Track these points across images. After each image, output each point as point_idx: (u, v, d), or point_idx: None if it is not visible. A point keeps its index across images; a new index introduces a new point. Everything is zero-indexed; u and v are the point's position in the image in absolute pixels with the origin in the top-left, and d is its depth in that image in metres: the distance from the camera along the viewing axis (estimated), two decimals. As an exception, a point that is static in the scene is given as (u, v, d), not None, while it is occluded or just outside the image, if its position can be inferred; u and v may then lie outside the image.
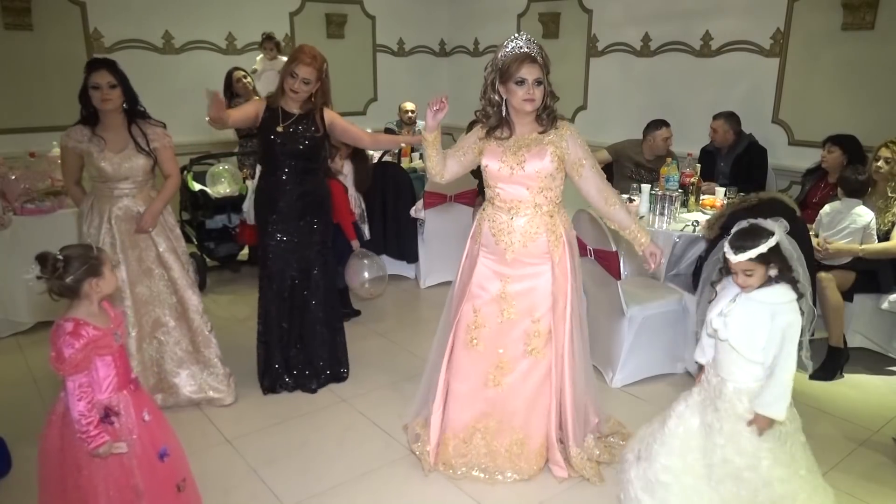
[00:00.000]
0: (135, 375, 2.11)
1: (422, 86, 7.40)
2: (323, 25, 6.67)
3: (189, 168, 4.90)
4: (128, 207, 2.98)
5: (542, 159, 2.44)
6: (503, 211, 2.52)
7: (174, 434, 2.16)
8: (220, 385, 3.23)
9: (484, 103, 2.52)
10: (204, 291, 4.75)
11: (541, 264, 2.53)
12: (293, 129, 3.08)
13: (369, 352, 3.82)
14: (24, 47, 5.10)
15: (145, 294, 3.05)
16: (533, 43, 2.43)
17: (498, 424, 2.61)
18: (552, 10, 6.40)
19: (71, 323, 1.89)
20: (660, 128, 4.62)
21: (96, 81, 2.82)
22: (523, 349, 2.55)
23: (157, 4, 5.67)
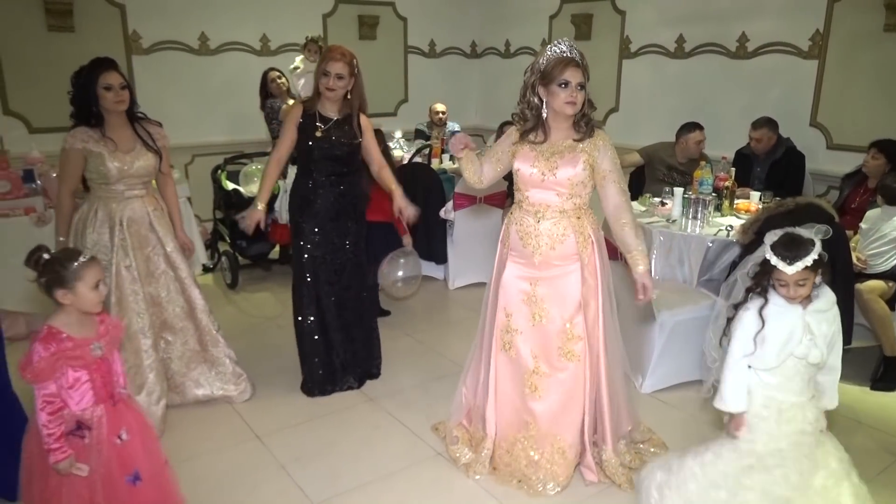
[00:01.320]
0: (124, 392, 2.05)
1: (452, 87, 7.41)
2: (355, 27, 6.71)
3: (223, 167, 4.98)
4: (137, 209, 2.95)
5: (575, 167, 2.44)
6: (530, 214, 2.52)
7: (160, 459, 2.09)
8: (228, 384, 3.23)
9: (522, 105, 2.51)
10: (235, 289, 4.84)
11: (569, 265, 2.52)
12: (332, 134, 3.09)
13: (397, 352, 3.83)
14: (65, 48, 5.22)
15: (154, 295, 3.04)
16: (575, 49, 2.45)
17: (538, 433, 2.58)
18: (585, 12, 6.36)
19: (45, 329, 1.87)
20: (693, 130, 4.55)
21: (109, 82, 2.78)
22: (558, 354, 2.53)
23: (193, 6, 5.77)
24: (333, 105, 3.12)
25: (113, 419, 1.97)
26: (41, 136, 5.15)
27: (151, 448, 2.06)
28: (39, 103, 5.20)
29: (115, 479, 1.94)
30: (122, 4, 5.45)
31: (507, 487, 2.60)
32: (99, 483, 1.92)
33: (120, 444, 1.96)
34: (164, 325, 3.09)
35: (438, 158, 5.62)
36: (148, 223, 2.98)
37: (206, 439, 2.92)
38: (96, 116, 2.84)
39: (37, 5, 5.09)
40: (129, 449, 1.98)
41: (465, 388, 2.83)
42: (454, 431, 2.81)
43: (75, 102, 2.87)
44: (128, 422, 2.00)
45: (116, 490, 1.94)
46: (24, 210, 3.86)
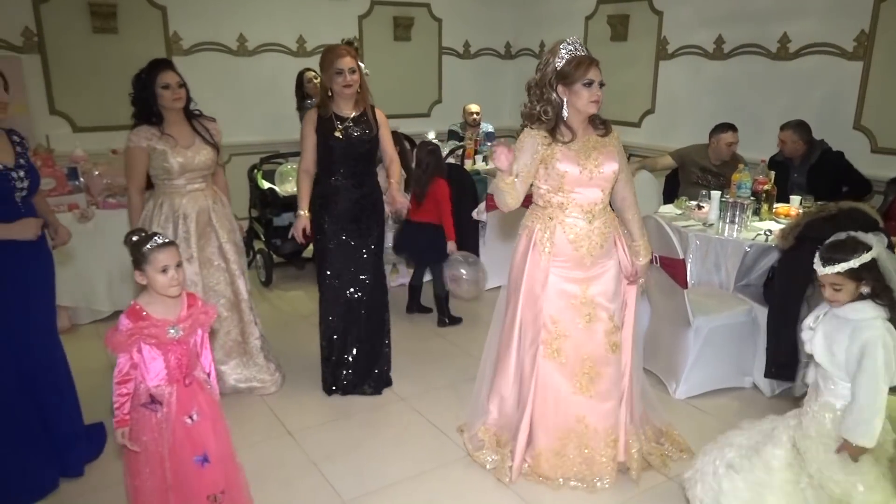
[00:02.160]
0: (202, 376, 2.12)
1: (486, 88, 7.41)
2: (390, 28, 6.75)
3: (259, 166, 5.05)
4: (199, 202, 3.09)
5: (615, 160, 2.50)
6: (580, 217, 2.49)
7: (228, 443, 2.15)
8: (263, 375, 3.33)
9: (542, 105, 2.46)
10: (269, 287, 4.91)
11: (609, 260, 2.57)
12: (351, 132, 3.11)
13: (428, 352, 3.84)
14: (109, 49, 5.36)
15: (205, 285, 3.15)
16: (585, 48, 2.48)
17: (590, 430, 2.57)
18: (621, 12, 6.29)
19: (131, 305, 2.01)
20: (725, 131, 4.48)
21: (167, 81, 2.91)
22: (606, 349, 2.55)
23: (232, 8, 5.87)
24: (348, 102, 3.12)
25: (184, 399, 2.04)
26: (84, 134, 5.31)
27: (221, 432, 2.13)
28: (83, 103, 5.35)
29: (184, 458, 2.02)
30: (164, 6, 5.57)
31: (559, 492, 2.58)
32: (168, 460, 2.00)
33: (190, 424, 2.04)
34: None
35: (472, 159, 5.62)
36: (208, 216, 3.10)
37: (240, 433, 2.94)
38: (156, 115, 2.97)
39: (83, 8, 5.23)
40: (199, 430, 2.05)
41: (488, 399, 2.78)
42: (479, 435, 2.79)
43: (136, 102, 2.98)
44: (199, 404, 2.07)
45: (185, 469, 2.02)
46: (68, 206, 3.97)
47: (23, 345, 2.47)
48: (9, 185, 2.37)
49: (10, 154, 2.42)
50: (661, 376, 3.43)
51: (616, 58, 6.33)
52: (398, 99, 6.90)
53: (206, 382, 2.14)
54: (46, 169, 4.00)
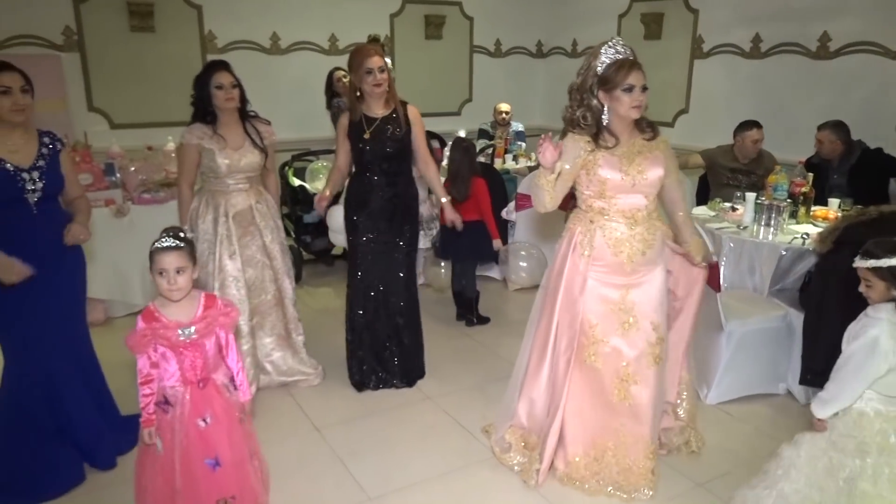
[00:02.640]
0: (222, 380, 2.12)
1: (517, 87, 7.37)
2: (422, 26, 6.76)
3: (290, 164, 5.10)
4: (241, 201, 3.13)
5: (659, 165, 2.43)
6: (621, 222, 2.45)
7: (243, 449, 2.13)
8: (307, 368, 3.39)
9: (581, 110, 2.42)
10: (299, 284, 4.93)
11: (654, 267, 2.50)
12: (380, 133, 3.12)
13: (456, 351, 3.84)
14: (146, 48, 5.46)
15: (249, 282, 3.19)
16: (629, 49, 2.40)
17: (629, 438, 2.53)
18: (655, 11, 6.20)
19: (148, 306, 2.02)
20: (749, 129, 4.39)
21: (220, 81, 2.97)
22: (648, 358, 2.49)
23: (266, 7, 5.93)
24: (378, 102, 3.13)
25: (198, 402, 2.04)
26: (122, 131, 5.41)
27: (235, 437, 2.10)
28: (121, 100, 5.46)
29: (195, 461, 2.02)
30: (200, 5, 5.65)
31: (595, 498, 2.55)
32: (178, 462, 2.00)
33: (203, 427, 2.03)
34: (255, 310, 3.23)
35: (501, 158, 5.61)
36: (251, 215, 3.14)
37: (268, 429, 2.99)
38: (211, 114, 3.02)
39: (121, 7, 5.34)
40: (212, 433, 2.05)
41: (518, 402, 2.75)
42: (506, 437, 2.77)
43: (195, 102, 3.05)
44: (213, 408, 2.06)
45: (195, 471, 2.02)
46: (105, 202, 4.05)
47: (52, 340, 2.51)
48: (17, 186, 2.38)
49: (31, 156, 2.44)
50: (693, 381, 3.36)
51: (649, 57, 6.17)
52: (428, 97, 6.89)
53: (225, 387, 2.12)
54: (84, 165, 4.09)
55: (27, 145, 2.46)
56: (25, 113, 2.41)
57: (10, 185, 2.36)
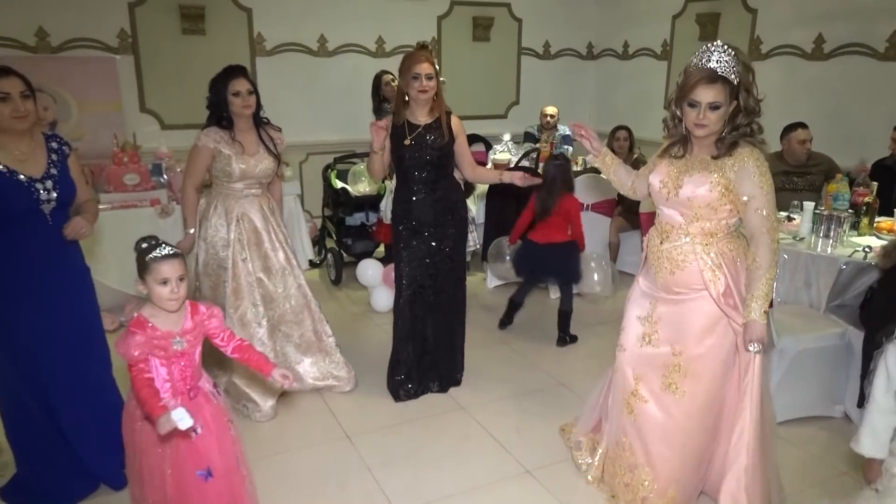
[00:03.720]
0: (208, 388, 2.06)
1: (566, 89, 7.23)
2: (469, 28, 6.69)
3: (332, 166, 5.10)
4: (253, 206, 3.10)
5: (700, 187, 2.16)
6: (657, 233, 2.36)
7: (233, 458, 2.07)
8: (340, 373, 3.35)
9: (668, 115, 2.30)
10: (339, 286, 4.94)
11: (692, 294, 2.26)
12: (420, 140, 3.07)
13: (493, 360, 3.75)
14: (196, 50, 5.55)
15: (272, 290, 3.16)
16: (728, 55, 2.07)
17: (632, 457, 2.43)
18: (711, 11, 5.98)
19: (136, 316, 1.93)
20: (795, 129, 4.24)
21: (238, 89, 2.95)
22: (661, 382, 2.36)
23: (314, 9, 5.96)
24: (423, 109, 3.09)
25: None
26: (172, 132, 5.52)
27: (225, 446, 2.05)
28: (172, 102, 5.57)
29: (187, 472, 1.97)
30: (250, 8, 5.72)
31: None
32: (171, 473, 1.95)
33: (194, 437, 1.97)
34: (282, 318, 3.21)
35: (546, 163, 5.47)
36: (262, 220, 3.12)
37: (299, 435, 2.98)
38: (227, 120, 3.02)
39: (173, 10, 5.44)
40: (203, 444, 1.99)
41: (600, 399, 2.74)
42: (580, 437, 2.76)
43: (210, 106, 3.05)
44: (204, 417, 2.00)
45: (188, 483, 1.97)
46: (150, 202, 4.12)
47: (64, 348, 2.43)
48: (32, 198, 2.28)
49: (42, 164, 2.34)
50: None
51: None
52: (475, 100, 6.83)
53: (212, 394, 2.08)
54: (132, 165, 4.18)
55: (35, 153, 2.34)
56: (28, 119, 2.28)
57: (25, 196, 2.26)
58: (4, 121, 2.24)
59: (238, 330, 2.99)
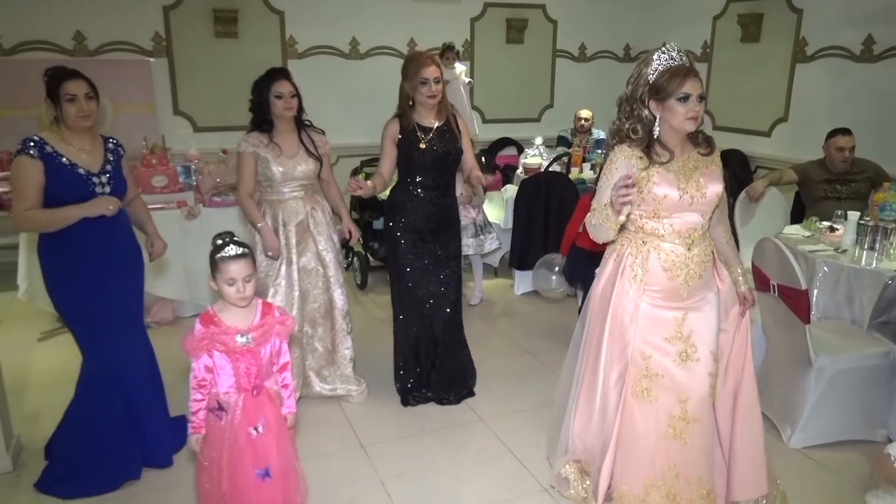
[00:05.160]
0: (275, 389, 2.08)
1: (601, 92, 7.04)
2: (503, 30, 6.61)
3: (360, 169, 5.07)
4: (298, 209, 3.10)
5: (717, 181, 2.22)
6: (678, 243, 2.22)
7: (290, 459, 2.09)
8: (350, 385, 3.29)
9: (631, 122, 2.20)
10: (364, 290, 4.91)
11: (710, 291, 2.29)
12: (436, 143, 3.01)
13: (515, 370, 3.65)
14: (229, 53, 5.60)
15: (303, 290, 3.15)
16: (685, 55, 2.17)
17: (681, 479, 2.30)
18: (754, 11, 5.77)
19: (207, 310, 2.00)
20: (834, 135, 4.06)
21: (280, 91, 2.95)
22: (708, 392, 2.25)
23: (346, 12, 5.96)
24: (430, 112, 3.03)
25: (250, 410, 2.00)
26: (204, 134, 5.58)
27: (285, 448, 2.07)
28: (204, 104, 5.63)
29: (244, 470, 1.99)
30: (282, 11, 5.75)
31: None
32: (227, 470, 1.97)
33: (255, 436, 2.00)
34: (305, 318, 3.19)
35: (578, 167, 5.35)
36: (306, 223, 3.11)
37: (314, 442, 2.93)
38: (268, 122, 3.01)
39: (207, 14, 5.50)
40: (263, 443, 2.01)
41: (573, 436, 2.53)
42: (562, 473, 2.55)
43: (253, 109, 3.04)
44: (266, 417, 2.02)
45: (245, 481, 1.99)
46: (177, 203, 4.14)
47: (124, 335, 2.60)
48: (89, 190, 2.46)
49: (100, 161, 2.53)
50: (775, 420, 3.04)
51: (746, 61, 5.82)
52: (508, 103, 6.75)
53: (277, 396, 2.08)
54: (160, 167, 4.20)
55: (94, 150, 2.54)
56: (91, 119, 2.48)
57: (83, 187, 2.46)
58: (70, 119, 2.43)
59: None
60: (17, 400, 2.99)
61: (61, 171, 2.42)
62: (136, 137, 4.73)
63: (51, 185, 2.41)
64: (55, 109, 2.44)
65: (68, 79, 2.43)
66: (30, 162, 2.37)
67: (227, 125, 5.54)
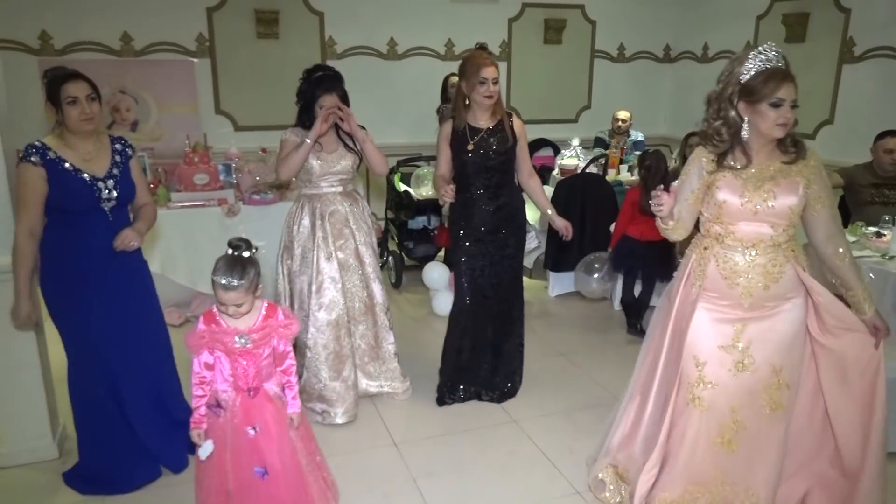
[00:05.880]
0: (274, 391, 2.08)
1: (640, 93, 6.99)
2: (541, 31, 6.57)
3: (396, 169, 5.11)
4: (336, 204, 3.13)
5: (796, 194, 2.09)
6: (737, 250, 2.16)
7: (295, 461, 2.09)
8: (395, 381, 3.32)
9: (718, 123, 2.14)
10: (399, 289, 4.94)
11: (782, 304, 2.17)
12: (484, 145, 3.02)
13: (547, 372, 3.64)
14: (270, 53, 5.69)
15: (348, 285, 3.18)
16: (782, 57, 2.09)
17: (730, 490, 2.27)
18: (800, 11, 5.63)
19: (209, 308, 2.03)
20: (882, 137, 3.96)
21: (323, 104, 2.96)
22: (763, 406, 2.19)
23: (385, 13, 6.00)
24: (485, 113, 3.03)
25: (248, 410, 2.03)
26: (244, 133, 5.67)
27: (286, 447, 2.08)
28: (245, 104, 5.73)
29: (245, 468, 2.02)
30: (322, 12, 5.81)
31: None
32: (230, 468, 2.01)
33: (252, 435, 2.02)
34: (349, 315, 3.22)
35: (615, 169, 5.30)
36: (345, 218, 3.15)
37: (347, 440, 2.97)
38: (311, 119, 3.05)
39: (249, 15, 5.60)
40: (260, 443, 2.03)
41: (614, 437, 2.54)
42: (599, 475, 2.55)
43: (300, 106, 3.10)
44: (263, 417, 2.04)
45: (246, 476, 2.02)
46: (218, 201, 4.22)
47: (119, 343, 2.53)
48: (94, 196, 2.39)
49: (105, 165, 2.45)
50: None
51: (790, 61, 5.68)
52: (545, 104, 6.71)
53: (277, 396, 2.09)
54: (202, 165, 4.29)
55: (100, 153, 2.46)
56: (94, 121, 2.39)
57: (88, 194, 2.37)
58: (73, 123, 2.35)
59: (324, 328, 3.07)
60: (63, 390, 3.08)
61: (65, 177, 2.33)
62: (179, 136, 4.83)
63: (54, 193, 2.32)
64: (57, 113, 2.35)
65: (68, 80, 2.33)
66: (31, 169, 2.28)
67: (266, 124, 5.64)
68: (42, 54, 5.14)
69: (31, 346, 2.72)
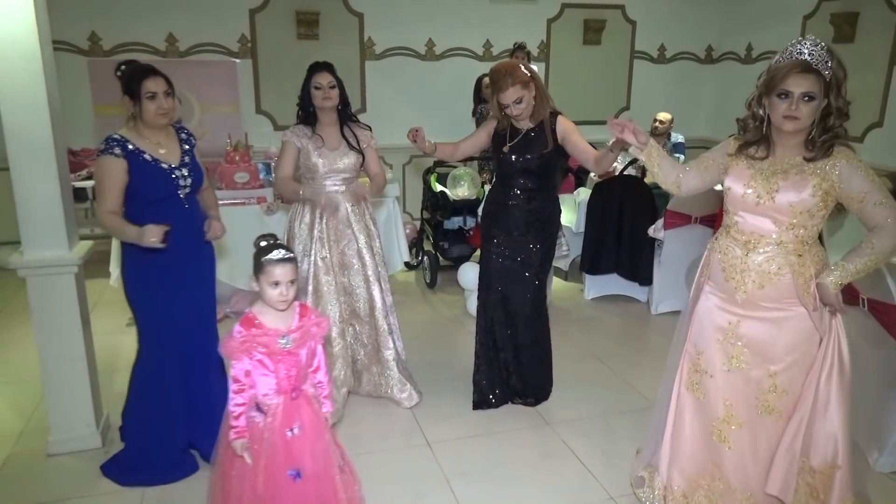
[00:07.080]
0: (311, 391, 2.09)
1: (680, 95, 6.89)
2: (580, 31, 6.53)
3: (432, 169, 5.12)
4: (336, 202, 3.11)
5: (801, 192, 2.01)
6: (738, 244, 2.14)
7: (327, 461, 2.07)
8: (394, 388, 3.27)
9: (747, 114, 2.16)
10: (433, 289, 4.95)
11: (783, 309, 2.11)
12: (521, 147, 2.99)
13: (583, 376, 3.60)
14: (309, 54, 5.67)
15: (347, 285, 3.19)
16: (820, 49, 1.99)
17: (725, 486, 2.26)
18: (849, 10, 5.48)
19: (247, 312, 1.99)
20: None
21: (319, 82, 3.01)
22: (755, 405, 2.18)
23: (423, 14, 6.03)
24: (524, 118, 3.00)
25: (289, 412, 2.02)
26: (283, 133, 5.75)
27: (319, 449, 2.07)
28: (284, 104, 5.75)
29: (279, 471, 2.00)
30: (361, 13, 5.87)
31: None
32: (263, 471, 1.99)
33: (290, 437, 2.01)
34: (354, 314, 3.24)
35: (655, 171, 5.22)
36: (346, 218, 3.15)
37: (382, 438, 2.98)
38: (313, 115, 3.09)
39: (290, 16, 5.69)
40: (298, 444, 2.02)
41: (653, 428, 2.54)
42: (640, 472, 2.55)
43: (300, 103, 3.14)
44: (302, 418, 2.03)
45: (278, 481, 2.00)
46: (257, 199, 4.29)
47: (191, 327, 2.63)
48: (173, 184, 2.51)
49: (177, 153, 2.57)
50: (860, 441, 2.87)
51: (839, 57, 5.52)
52: (583, 105, 6.65)
53: (314, 398, 2.09)
54: (243, 164, 4.37)
55: (171, 143, 2.59)
56: (169, 115, 2.51)
57: (168, 182, 2.50)
58: (150, 117, 2.47)
59: None
60: (107, 380, 3.17)
61: (145, 167, 2.45)
62: (221, 135, 4.93)
63: (136, 182, 2.44)
64: (134, 106, 2.46)
65: (148, 76, 2.45)
66: (114, 161, 2.40)
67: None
68: (91, 55, 5.31)
69: (79, 339, 2.79)
